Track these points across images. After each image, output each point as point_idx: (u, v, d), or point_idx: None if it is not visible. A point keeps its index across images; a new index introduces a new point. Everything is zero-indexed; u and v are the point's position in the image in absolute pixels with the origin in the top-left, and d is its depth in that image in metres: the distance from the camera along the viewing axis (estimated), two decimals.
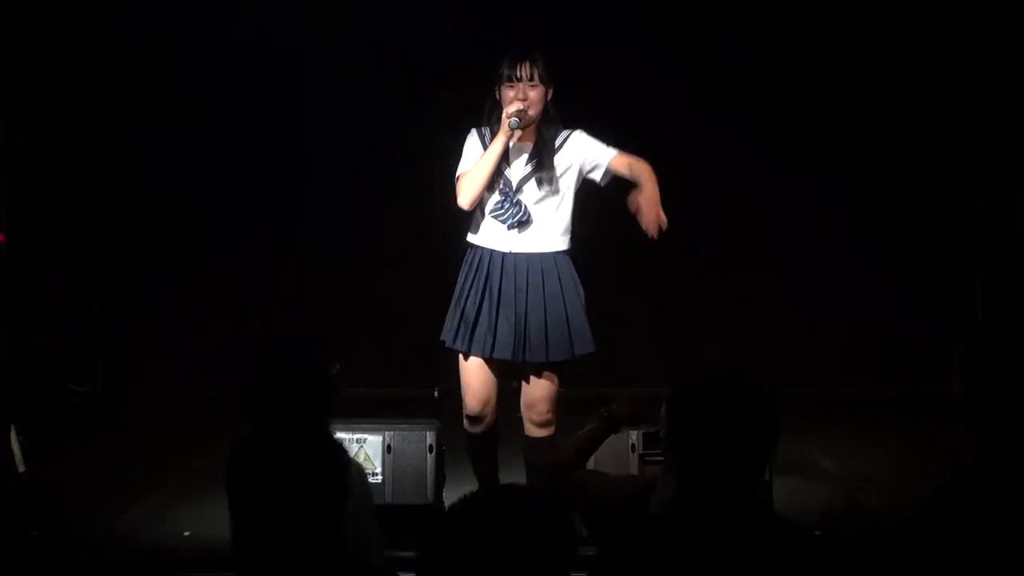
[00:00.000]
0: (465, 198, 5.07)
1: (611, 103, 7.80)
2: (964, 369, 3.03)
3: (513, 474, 5.35)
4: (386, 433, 5.18)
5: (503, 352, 5.06)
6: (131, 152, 7.83)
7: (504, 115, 4.99)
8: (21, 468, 6.28)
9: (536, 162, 5.11)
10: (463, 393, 5.15)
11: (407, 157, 7.62)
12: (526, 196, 5.10)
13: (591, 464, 4.84)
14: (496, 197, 5.10)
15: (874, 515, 5.60)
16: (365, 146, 7.78)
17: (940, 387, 7.47)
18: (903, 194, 7.84)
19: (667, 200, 7.90)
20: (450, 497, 5.18)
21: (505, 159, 5.09)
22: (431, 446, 5.19)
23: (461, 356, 5.14)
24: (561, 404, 5.30)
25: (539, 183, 5.10)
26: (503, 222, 5.09)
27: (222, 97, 7.71)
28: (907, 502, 5.05)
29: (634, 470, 5.04)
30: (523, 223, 5.09)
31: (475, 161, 5.07)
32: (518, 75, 5.03)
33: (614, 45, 7.77)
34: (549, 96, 5.09)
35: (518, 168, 5.12)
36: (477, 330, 5.07)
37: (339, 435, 4.88)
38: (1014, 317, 7.41)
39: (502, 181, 5.09)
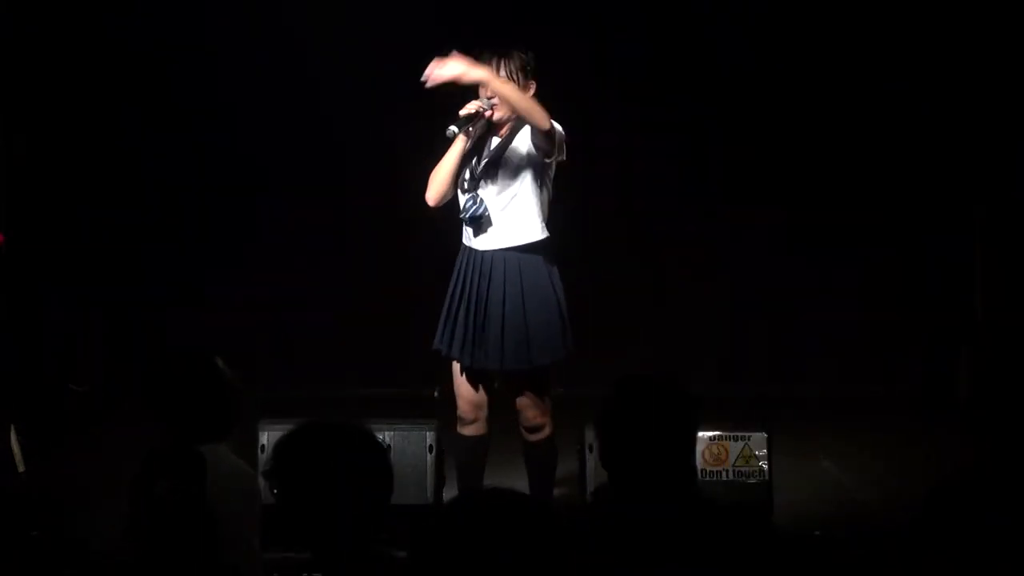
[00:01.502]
0: (429, 194, 5.05)
1: (610, 101, 7.82)
2: (967, 370, 3.04)
3: (510, 476, 5.35)
4: (386, 433, 5.18)
5: (483, 360, 4.99)
6: (131, 152, 7.83)
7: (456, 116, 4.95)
8: (21, 468, 6.28)
9: (496, 151, 5.01)
10: (456, 395, 5.12)
11: (409, 158, 7.62)
12: (484, 189, 5.01)
13: None
14: (463, 196, 5.05)
15: (874, 515, 5.60)
16: (367, 145, 7.77)
17: (940, 388, 7.52)
18: (903, 194, 7.83)
19: (669, 199, 7.98)
20: (450, 496, 5.19)
21: (476, 156, 5.02)
22: (431, 446, 5.19)
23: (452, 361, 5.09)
24: (560, 404, 5.31)
25: (497, 173, 5.00)
26: (465, 219, 5.02)
27: (222, 97, 7.71)
28: (907, 502, 5.05)
29: None
30: (480, 217, 4.97)
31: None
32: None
33: (613, 47, 7.79)
34: (531, 92, 4.96)
35: (481, 162, 5.04)
36: (456, 334, 5.00)
37: None
38: (1014, 317, 7.41)
39: (467, 179, 5.03)
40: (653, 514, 2.84)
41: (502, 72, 4.92)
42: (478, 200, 4.99)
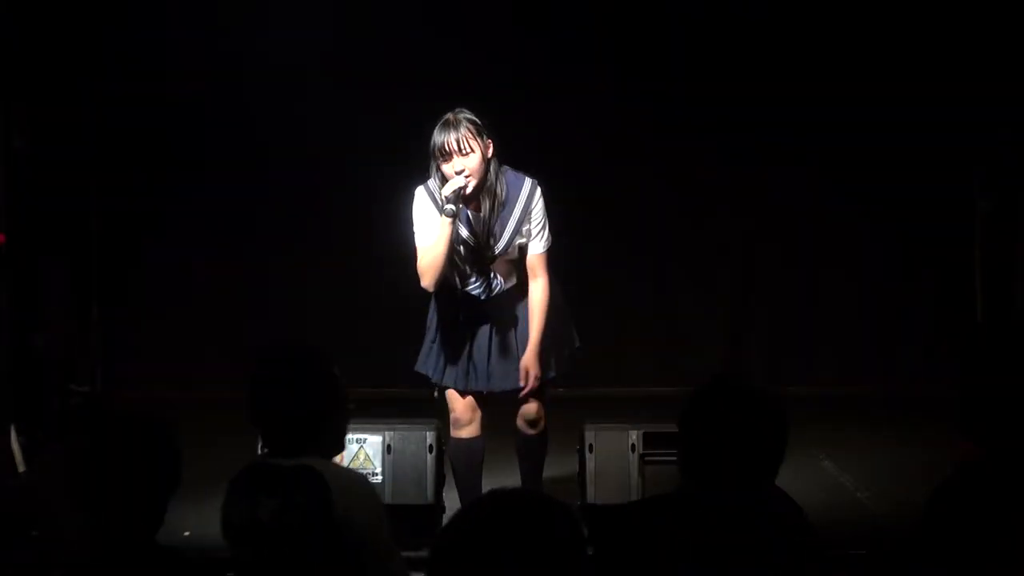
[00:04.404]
0: (427, 282, 4.99)
1: (613, 96, 7.82)
2: (963, 373, 3.03)
3: (506, 474, 5.36)
4: (386, 433, 5.18)
5: (502, 384, 5.07)
6: (131, 152, 7.82)
7: (442, 199, 4.89)
8: (21, 468, 6.28)
9: (504, 228, 4.99)
10: (449, 399, 5.14)
11: (413, 160, 7.62)
12: (499, 265, 5.04)
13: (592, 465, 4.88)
14: (467, 271, 5.03)
15: (874, 515, 5.60)
16: (369, 146, 7.76)
17: (940, 387, 7.52)
18: (903, 194, 7.83)
19: (669, 200, 7.98)
20: (450, 497, 5.20)
21: (471, 229, 4.98)
22: (431, 446, 5.19)
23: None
24: (560, 404, 5.33)
25: (511, 247, 5.02)
26: (477, 295, 5.05)
27: (223, 96, 7.71)
28: (907, 502, 5.05)
29: (634, 470, 5.06)
30: (498, 292, 5.05)
31: (429, 232, 4.97)
32: (447, 150, 4.90)
33: (616, 42, 7.80)
34: (489, 151, 4.95)
35: (479, 238, 5.00)
36: (460, 367, 5.07)
37: None
38: (1014, 317, 7.41)
39: (471, 256, 5.00)
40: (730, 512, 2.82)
41: (466, 147, 4.88)
42: (496, 279, 5.05)
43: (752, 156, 7.81)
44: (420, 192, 5.04)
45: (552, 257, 5.10)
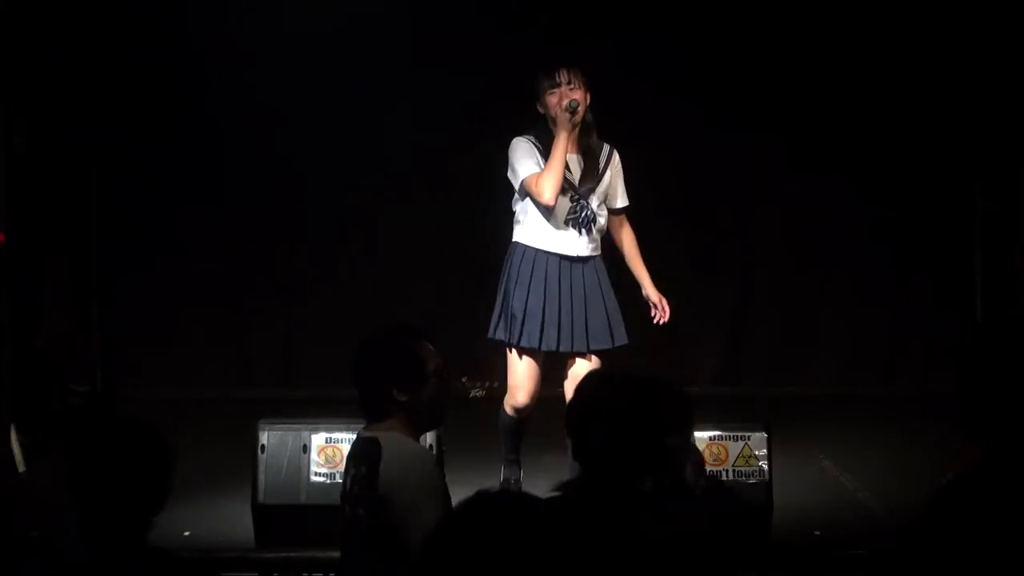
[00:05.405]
0: (549, 194, 5.25)
1: (619, 97, 7.82)
2: (960, 372, 3.03)
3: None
4: None
5: (567, 346, 5.39)
6: (130, 152, 7.83)
7: (560, 109, 5.21)
8: (21, 468, 6.28)
9: (593, 173, 5.38)
10: (513, 386, 5.41)
11: (418, 158, 7.63)
12: (591, 199, 5.39)
13: None
14: (566, 203, 5.33)
15: (874, 515, 5.60)
16: (370, 146, 7.76)
17: (940, 387, 7.52)
18: (904, 194, 7.84)
19: (670, 201, 7.98)
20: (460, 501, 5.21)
21: (567, 167, 5.30)
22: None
23: (515, 352, 5.39)
24: (560, 403, 5.33)
25: (597, 192, 5.40)
26: (579, 223, 5.34)
27: (222, 97, 7.71)
28: (907, 502, 5.06)
29: None
30: (593, 221, 5.36)
31: (534, 161, 5.29)
32: (556, 80, 5.29)
33: (627, 38, 7.80)
34: (588, 100, 5.32)
35: (578, 175, 5.37)
36: (561, 329, 5.37)
37: (338, 435, 4.91)
38: (1014, 317, 7.41)
39: (569, 188, 5.31)
40: (618, 508, 2.85)
41: (574, 83, 5.29)
42: (591, 207, 5.38)
43: (752, 156, 7.82)
44: (518, 138, 5.37)
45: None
